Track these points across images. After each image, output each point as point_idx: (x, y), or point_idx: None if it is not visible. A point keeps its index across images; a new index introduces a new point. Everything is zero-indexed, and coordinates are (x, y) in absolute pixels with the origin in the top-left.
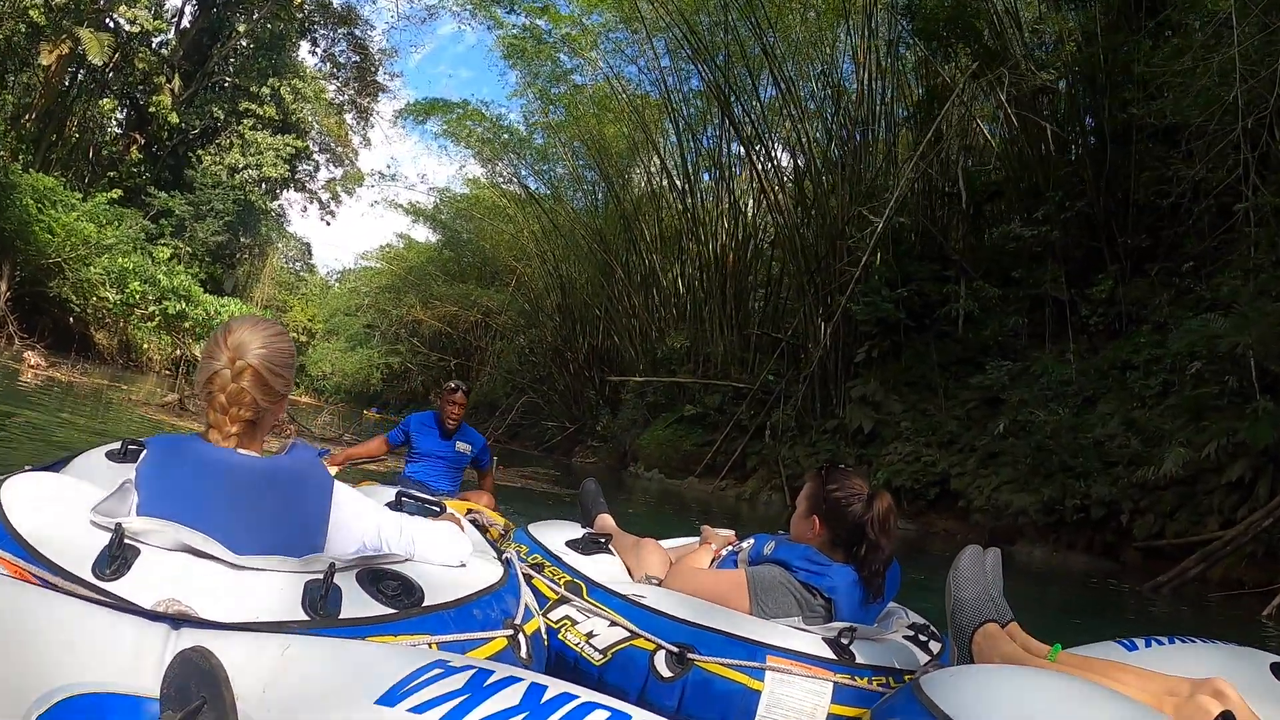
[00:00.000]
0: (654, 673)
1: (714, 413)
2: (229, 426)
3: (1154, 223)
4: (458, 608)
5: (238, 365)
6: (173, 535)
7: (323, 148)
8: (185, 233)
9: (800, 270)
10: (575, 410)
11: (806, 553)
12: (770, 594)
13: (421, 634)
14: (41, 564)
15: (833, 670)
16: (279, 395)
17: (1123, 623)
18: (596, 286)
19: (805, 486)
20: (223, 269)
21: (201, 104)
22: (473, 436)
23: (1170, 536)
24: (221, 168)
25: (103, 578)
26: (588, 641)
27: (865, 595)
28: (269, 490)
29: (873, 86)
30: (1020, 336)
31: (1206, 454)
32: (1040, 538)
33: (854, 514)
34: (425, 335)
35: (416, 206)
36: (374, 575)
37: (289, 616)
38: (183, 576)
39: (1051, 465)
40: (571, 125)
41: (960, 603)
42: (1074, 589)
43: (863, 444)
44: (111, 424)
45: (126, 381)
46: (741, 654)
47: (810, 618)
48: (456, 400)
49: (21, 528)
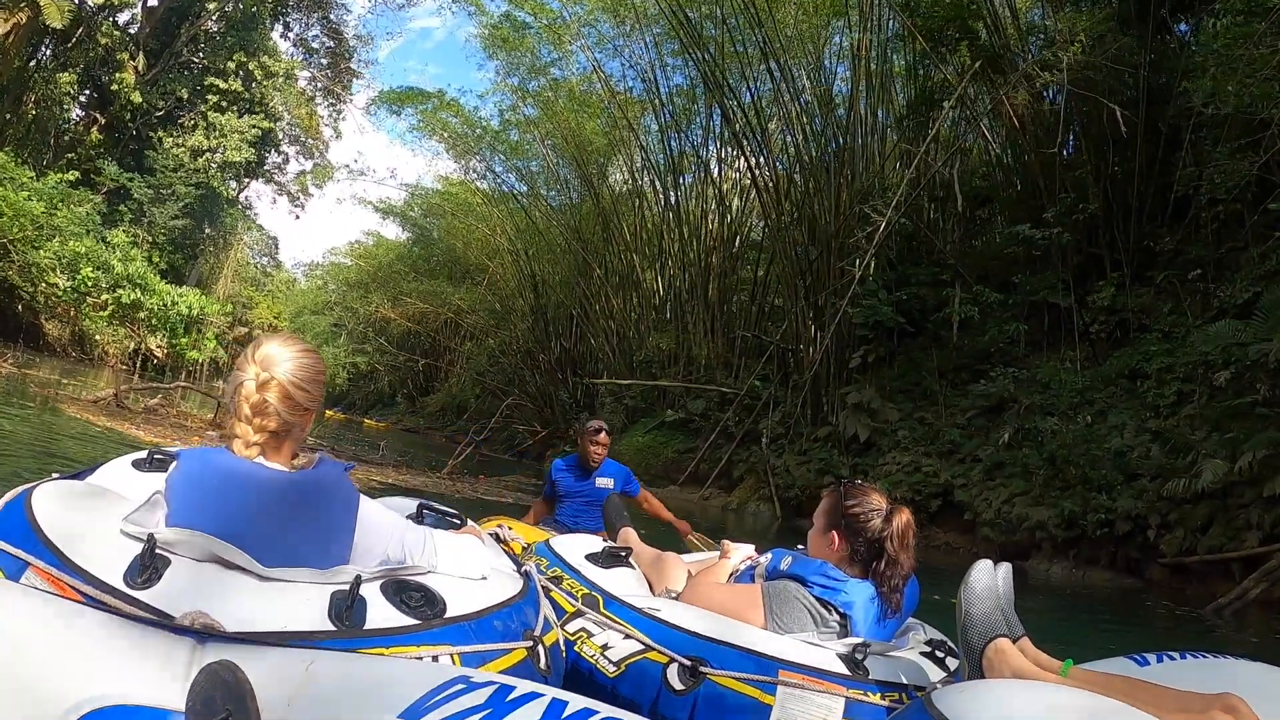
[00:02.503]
0: (666, 685)
1: (698, 418)
2: (252, 436)
3: (1156, 229)
4: (479, 619)
5: (262, 378)
6: (202, 546)
7: (292, 139)
8: (144, 218)
9: (792, 271)
10: (547, 413)
11: (822, 568)
12: (785, 608)
13: (443, 644)
14: (75, 573)
15: (845, 685)
16: (304, 409)
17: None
18: (571, 286)
19: (823, 502)
20: (184, 259)
21: (166, 83)
22: (612, 470)
23: (1203, 552)
24: (183, 150)
25: (134, 586)
26: (603, 654)
27: (883, 610)
28: (296, 503)
29: (869, 84)
30: (1019, 343)
31: (1240, 466)
32: (1058, 553)
33: (873, 529)
34: (393, 335)
35: (387, 204)
36: (398, 586)
37: (315, 627)
38: (212, 587)
39: (1069, 477)
40: (549, 120)
41: (971, 617)
42: (1116, 608)
43: (858, 453)
44: (19, 424)
45: (79, 376)
46: (753, 668)
47: (825, 633)
48: (600, 441)
49: (54, 536)
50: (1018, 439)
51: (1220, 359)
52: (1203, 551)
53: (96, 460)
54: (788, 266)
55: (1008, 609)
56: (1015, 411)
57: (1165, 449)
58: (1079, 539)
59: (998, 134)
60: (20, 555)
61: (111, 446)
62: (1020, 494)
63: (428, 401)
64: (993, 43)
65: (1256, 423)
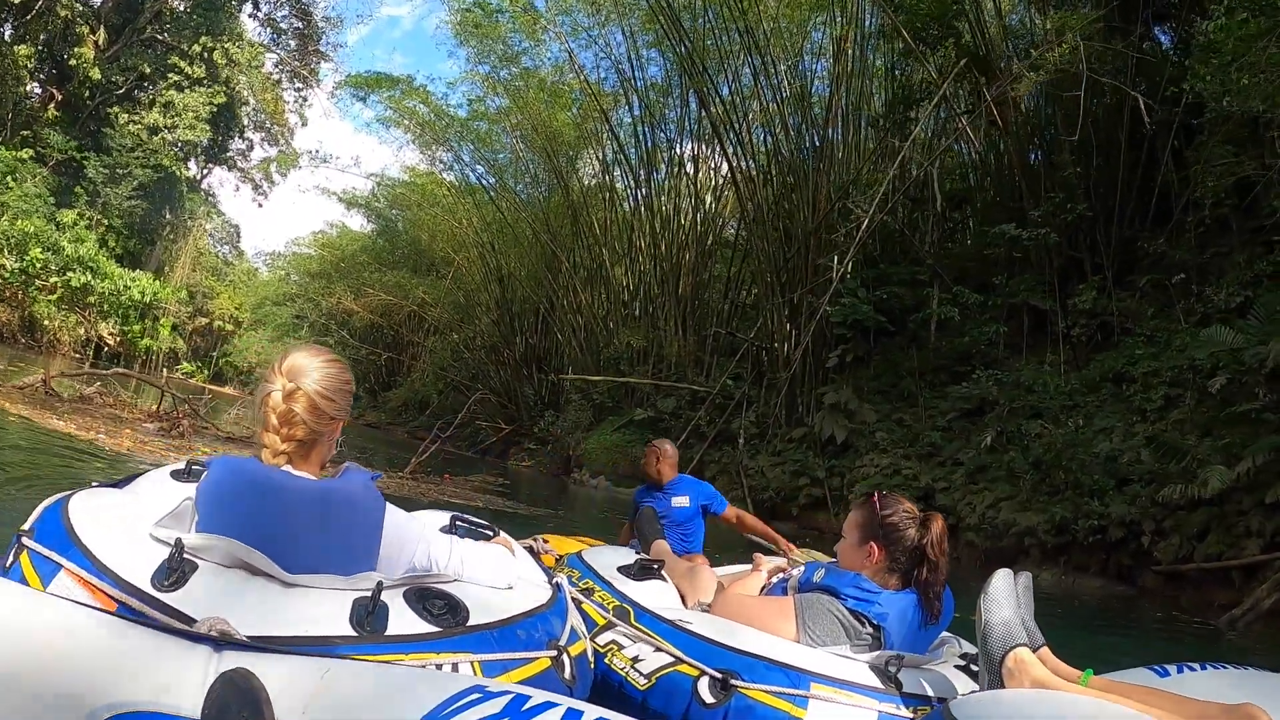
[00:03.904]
0: (697, 698)
1: (668, 417)
2: (280, 445)
3: (1139, 232)
4: (501, 628)
5: (289, 389)
6: (229, 551)
7: (257, 125)
8: (99, 199)
9: (768, 268)
10: (511, 410)
11: (856, 580)
12: (818, 621)
13: (465, 652)
14: (105, 576)
15: (877, 699)
16: (331, 419)
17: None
18: (538, 281)
19: (853, 514)
20: (142, 245)
21: (127, 59)
22: (688, 486)
23: (1200, 559)
24: (140, 127)
25: (161, 589)
26: (633, 666)
27: (922, 620)
28: (322, 511)
29: (850, 81)
30: (998, 345)
31: (1239, 472)
32: (1047, 560)
33: (911, 537)
34: (356, 328)
35: (351, 194)
36: (421, 594)
37: (337, 632)
38: (236, 591)
39: (1057, 482)
40: (520, 110)
41: (991, 627)
42: (1116, 616)
43: (835, 454)
44: None
45: (21, 363)
46: (785, 681)
47: (858, 645)
48: (659, 455)
49: (87, 540)
50: (1001, 442)
51: (1209, 363)
52: (1200, 559)
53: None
54: (763, 263)
55: (1028, 618)
56: (997, 414)
57: (1157, 454)
58: (1069, 545)
59: (979, 134)
60: (53, 557)
61: (23, 439)
62: (1006, 498)
63: (390, 396)
64: (976, 42)
65: (1253, 428)
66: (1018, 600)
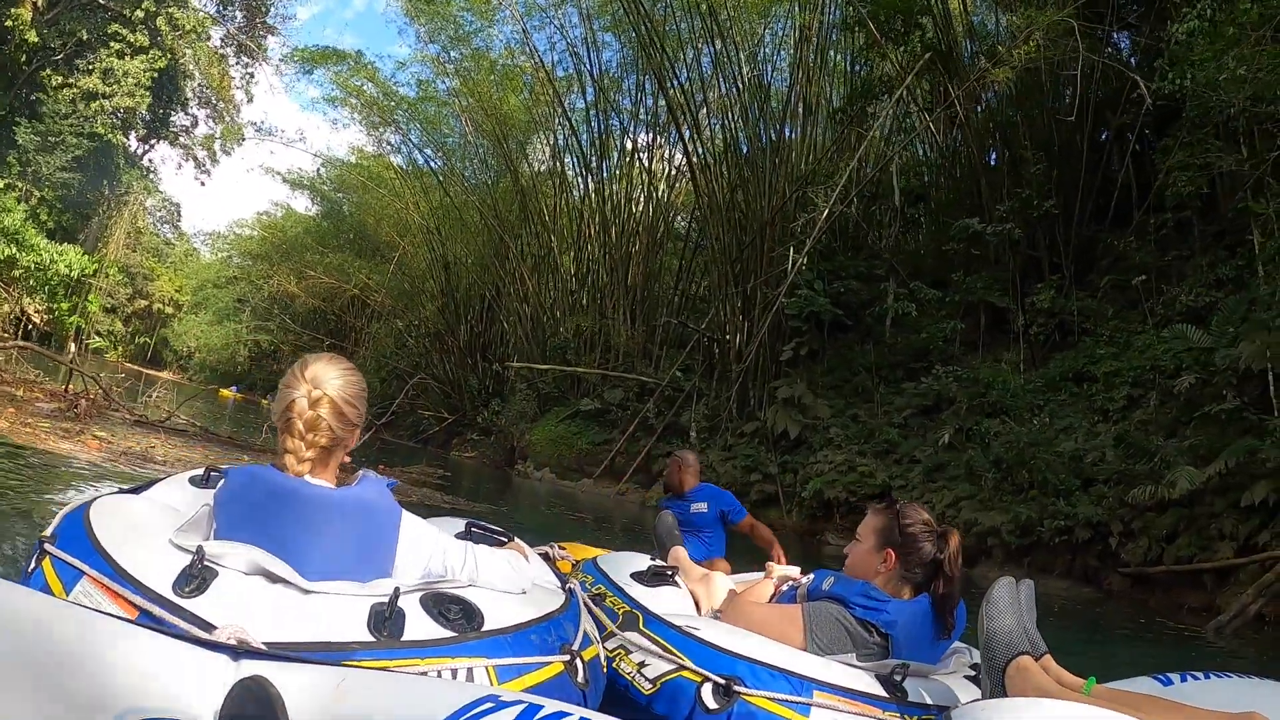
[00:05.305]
0: (700, 704)
1: (615, 409)
2: (305, 452)
3: (1098, 233)
4: (516, 633)
5: (314, 395)
6: (248, 558)
7: (202, 100)
8: (30, 168)
9: (722, 258)
10: (455, 399)
11: (865, 589)
12: (825, 629)
13: (479, 657)
14: (126, 582)
15: (881, 708)
16: (352, 425)
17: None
18: (485, 267)
19: (870, 519)
20: (77, 219)
21: (66, 23)
22: (709, 494)
23: (1170, 561)
24: (75, 92)
25: (182, 595)
26: (639, 671)
27: (934, 632)
28: (339, 518)
29: (810, 72)
30: (955, 342)
31: (1210, 474)
32: (1010, 560)
33: (928, 551)
34: (298, 313)
35: (296, 175)
36: (437, 599)
37: (354, 638)
38: (256, 598)
39: (1021, 481)
40: (469, 93)
41: (993, 634)
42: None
43: (787, 450)
44: None
45: None
46: (788, 688)
47: (865, 654)
48: (681, 463)
49: (109, 547)
50: (960, 440)
51: (1173, 364)
52: (1170, 561)
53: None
54: (717, 253)
55: (1030, 626)
56: (955, 411)
57: (1123, 454)
58: (1034, 546)
59: (939, 130)
60: (76, 564)
61: None
62: (967, 497)
63: None
64: (940, 39)
65: (1221, 429)
66: (1020, 608)
